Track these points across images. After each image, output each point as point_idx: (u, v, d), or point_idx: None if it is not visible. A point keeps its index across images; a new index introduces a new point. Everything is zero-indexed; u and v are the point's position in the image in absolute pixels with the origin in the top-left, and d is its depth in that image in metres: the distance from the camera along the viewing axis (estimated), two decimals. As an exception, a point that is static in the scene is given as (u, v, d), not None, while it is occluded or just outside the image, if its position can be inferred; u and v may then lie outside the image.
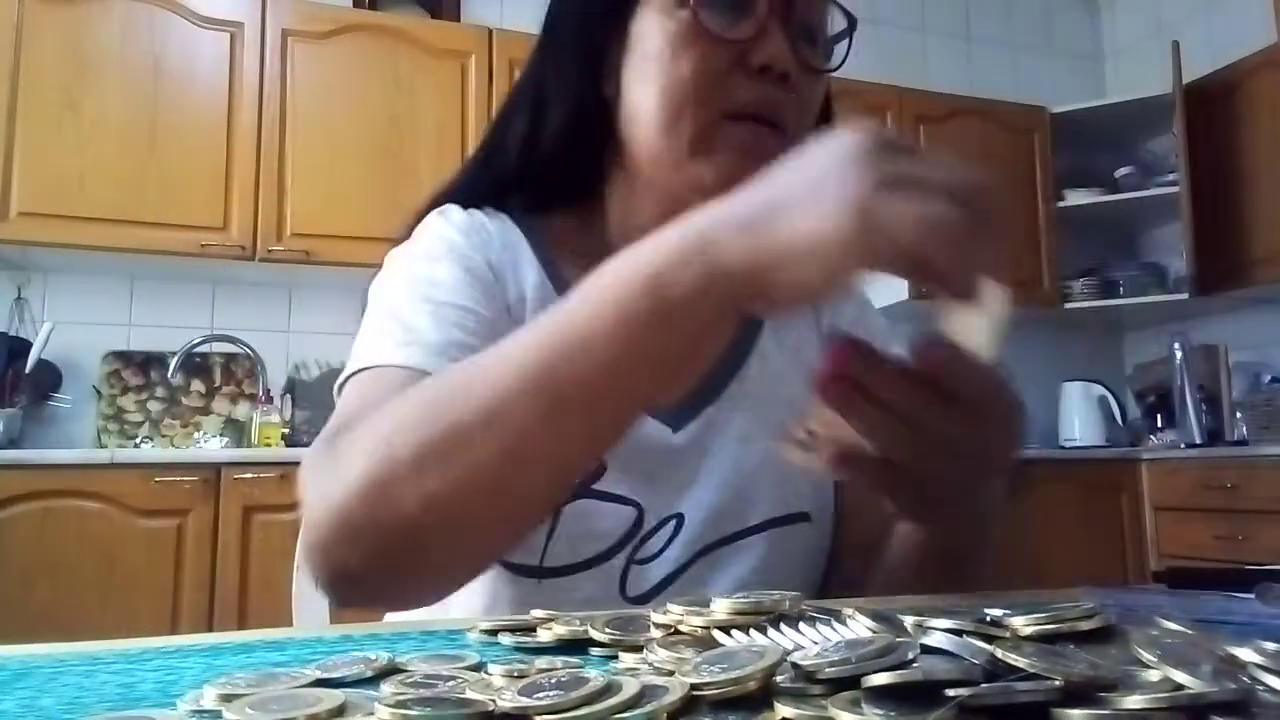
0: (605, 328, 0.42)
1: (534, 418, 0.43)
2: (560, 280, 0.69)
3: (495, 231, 0.70)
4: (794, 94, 0.63)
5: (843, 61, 0.67)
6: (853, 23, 0.67)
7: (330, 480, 0.47)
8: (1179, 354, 3.21)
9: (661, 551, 0.65)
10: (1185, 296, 3.30)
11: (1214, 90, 3.32)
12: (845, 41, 0.67)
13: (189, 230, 2.57)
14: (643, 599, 0.64)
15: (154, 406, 2.80)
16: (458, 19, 3.12)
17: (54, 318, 2.64)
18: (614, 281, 0.43)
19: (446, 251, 0.66)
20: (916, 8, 3.86)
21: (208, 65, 2.66)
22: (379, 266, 0.72)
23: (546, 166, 0.70)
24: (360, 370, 0.60)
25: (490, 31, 2.94)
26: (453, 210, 0.71)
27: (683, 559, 0.65)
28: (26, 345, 2.56)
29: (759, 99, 0.62)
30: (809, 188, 0.40)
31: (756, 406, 0.70)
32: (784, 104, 0.63)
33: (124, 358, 2.79)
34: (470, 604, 0.63)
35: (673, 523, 0.65)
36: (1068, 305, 3.49)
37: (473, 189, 0.73)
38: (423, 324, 0.61)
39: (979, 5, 3.98)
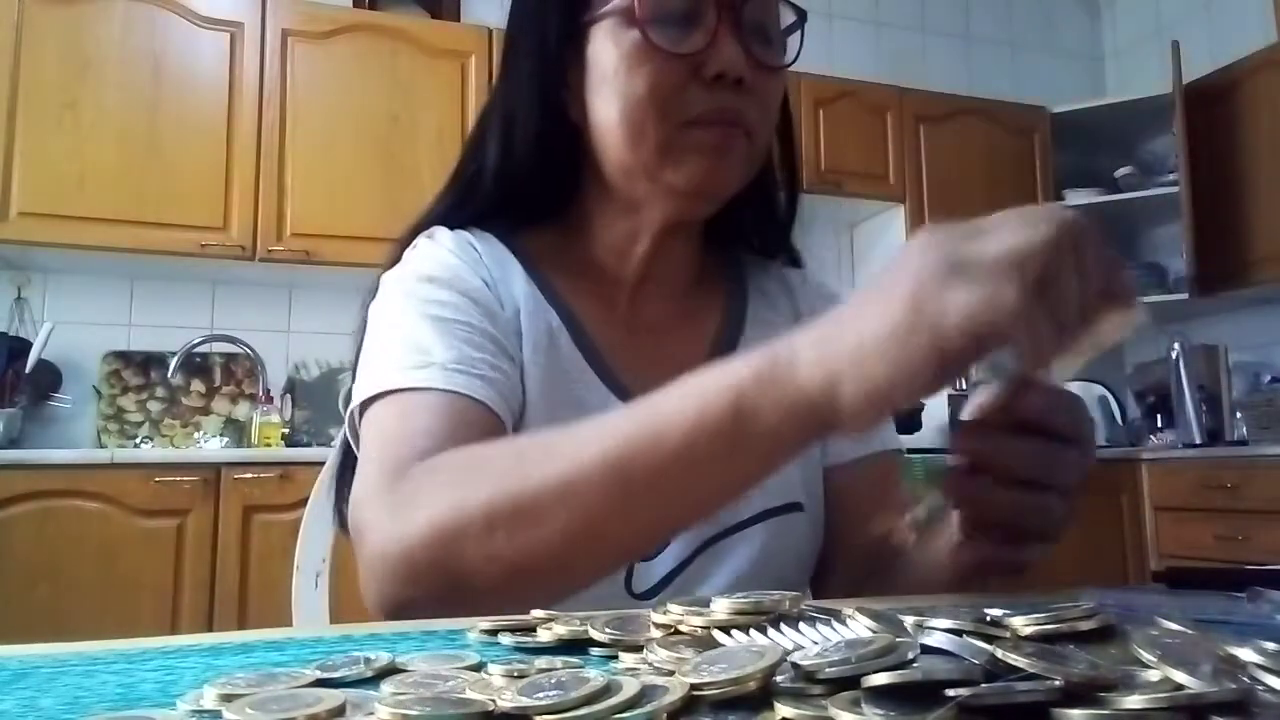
0: (683, 428, 0.44)
1: (606, 498, 0.45)
2: (550, 290, 0.70)
3: (483, 249, 0.70)
4: (752, 95, 0.64)
5: (798, 55, 0.68)
6: (802, 15, 0.68)
7: (396, 520, 0.49)
8: (1178, 354, 3.21)
9: (663, 548, 0.66)
10: (1185, 296, 3.30)
11: (1214, 90, 3.32)
12: (797, 34, 0.68)
13: (189, 230, 2.57)
14: (648, 594, 0.65)
15: (154, 406, 2.80)
16: (458, 19, 3.13)
17: (54, 318, 2.64)
18: (698, 388, 0.45)
19: (441, 271, 0.67)
20: (916, 8, 3.86)
21: (208, 65, 2.66)
22: (379, 266, 0.72)
23: (523, 186, 0.71)
24: (380, 395, 0.60)
25: (490, 31, 2.94)
26: (440, 232, 0.71)
27: (684, 554, 0.66)
28: (26, 345, 2.56)
29: (718, 107, 0.63)
30: (878, 291, 0.40)
31: None
32: (744, 106, 0.64)
33: (124, 358, 2.79)
34: None
35: None
36: (1068, 305, 3.48)
37: (455, 212, 0.73)
38: (433, 343, 0.61)
39: (979, 5, 3.98)
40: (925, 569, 0.64)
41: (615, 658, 0.35)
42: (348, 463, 0.70)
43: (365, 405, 0.61)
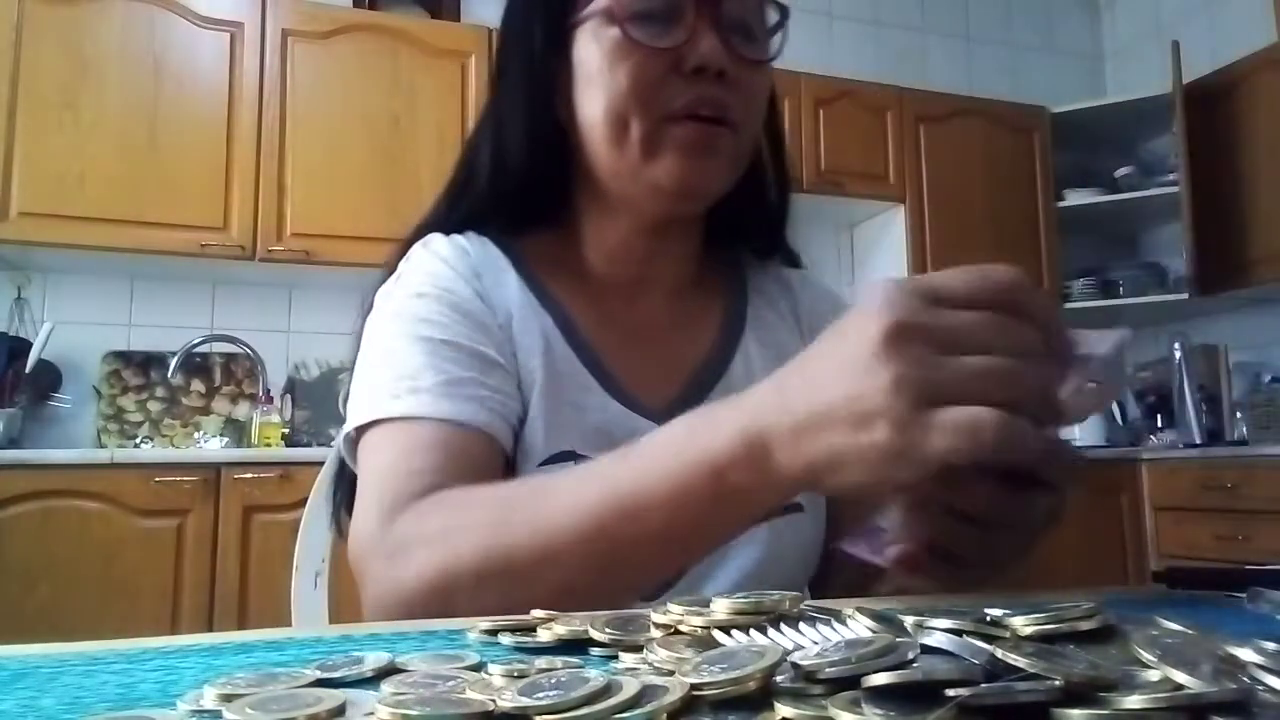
0: (662, 498, 0.46)
1: (586, 565, 0.48)
2: (544, 293, 0.71)
3: (476, 254, 0.72)
4: (735, 88, 0.65)
5: (779, 51, 0.69)
6: (784, 12, 0.69)
7: (392, 571, 0.53)
8: (1179, 354, 3.21)
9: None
10: (1185, 296, 3.30)
11: (1214, 90, 3.32)
12: (782, 32, 0.69)
13: (189, 230, 2.57)
14: (652, 595, 0.65)
15: (154, 406, 2.80)
16: (458, 19, 3.13)
17: (54, 318, 2.64)
18: (673, 460, 0.46)
19: (430, 286, 0.68)
20: (916, 8, 3.85)
21: (208, 65, 2.65)
22: (379, 266, 0.73)
23: (516, 190, 0.73)
24: (370, 424, 0.63)
25: (490, 31, 2.93)
26: (435, 239, 0.72)
27: None
28: (26, 345, 2.56)
29: (698, 99, 0.64)
30: (847, 397, 0.40)
31: None
32: (726, 100, 0.65)
33: (124, 358, 2.79)
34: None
35: None
36: (1068, 305, 3.49)
37: (451, 216, 0.75)
38: (421, 367, 0.63)
39: (979, 5, 3.98)
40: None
41: (615, 658, 0.35)
42: (344, 470, 0.71)
43: (361, 429, 0.64)
